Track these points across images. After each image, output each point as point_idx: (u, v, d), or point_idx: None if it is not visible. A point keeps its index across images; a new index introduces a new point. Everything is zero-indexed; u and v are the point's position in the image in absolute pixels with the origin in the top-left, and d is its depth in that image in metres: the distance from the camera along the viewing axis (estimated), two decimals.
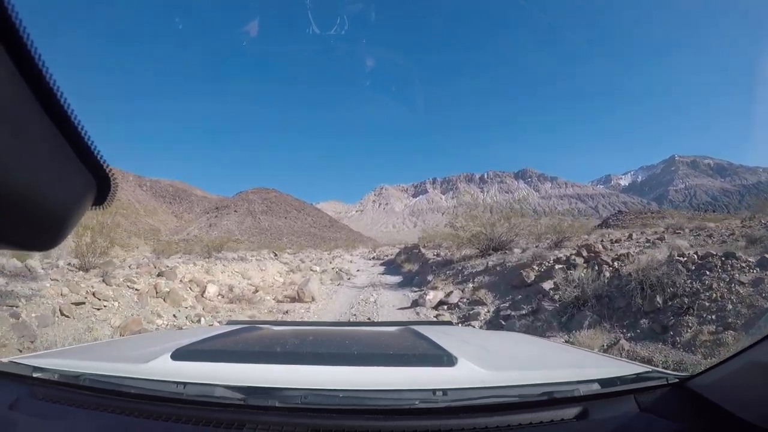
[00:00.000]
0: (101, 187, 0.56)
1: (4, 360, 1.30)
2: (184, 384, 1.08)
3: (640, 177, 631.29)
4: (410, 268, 16.49)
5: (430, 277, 11.75)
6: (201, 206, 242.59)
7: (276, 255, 24.29)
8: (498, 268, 9.72)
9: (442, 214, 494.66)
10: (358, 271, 21.65)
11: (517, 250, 10.89)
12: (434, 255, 16.66)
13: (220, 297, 9.97)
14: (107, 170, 0.55)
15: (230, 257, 17.79)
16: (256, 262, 18.47)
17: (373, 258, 34.56)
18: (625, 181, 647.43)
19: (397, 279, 15.78)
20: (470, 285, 9.47)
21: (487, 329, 6.49)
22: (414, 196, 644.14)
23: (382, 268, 23.24)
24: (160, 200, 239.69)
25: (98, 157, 0.52)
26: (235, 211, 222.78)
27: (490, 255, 11.78)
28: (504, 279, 8.94)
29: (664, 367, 2.76)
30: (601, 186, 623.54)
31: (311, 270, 20.90)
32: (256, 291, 11.88)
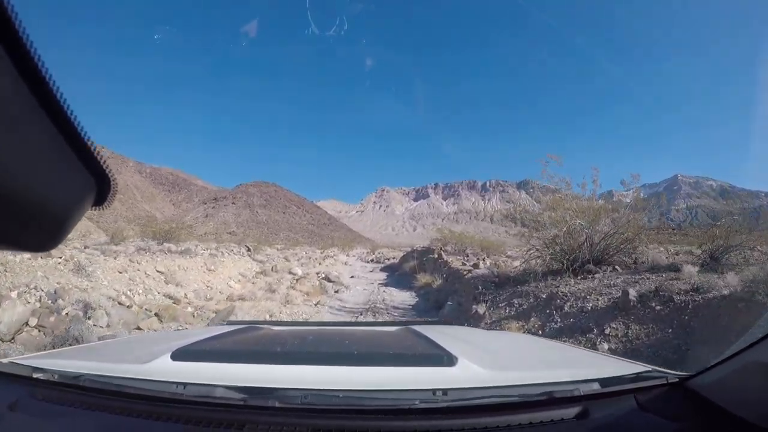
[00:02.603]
0: (101, 188, 0.55)
1: (4, 360, 1.28)
2: (184, 384, 1.06)
3: (642, 194, 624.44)
4: (428, 281, 11.05)
5: (480, 309, 6.28)
6: (200, 196, 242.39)
7: (249, 250, 18.81)
8: (661, 309, 4.32)
9: (442, 220, 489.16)
10: (352, 278, 16.21)
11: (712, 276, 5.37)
12: (465, 264, 11.21)
13: (33, 330, 4.50)
14: (107, 170, 0.54)
15: (164, 249, 12.33)
16: (210, 257, 12.98)
17: (372, 261, 29.03)
18: (627, 198, 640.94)
19: (410, 298, 10.35)
20: (605, 345, 4.06)
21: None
22: (415, 200, 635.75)
23: (383, 275, 17.78)
24: (159, 188, 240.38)
25: (98, 157, 0.51)
26: (233, 203, 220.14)
27: (593, 274, 6.37)
28: (707, 341, 3.57)
29: None
30: (602, 201, 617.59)
31: (290, 273, 15.55)
32: (155, 315, 6.45)
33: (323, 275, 13.59)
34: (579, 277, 6.41)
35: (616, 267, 6.77)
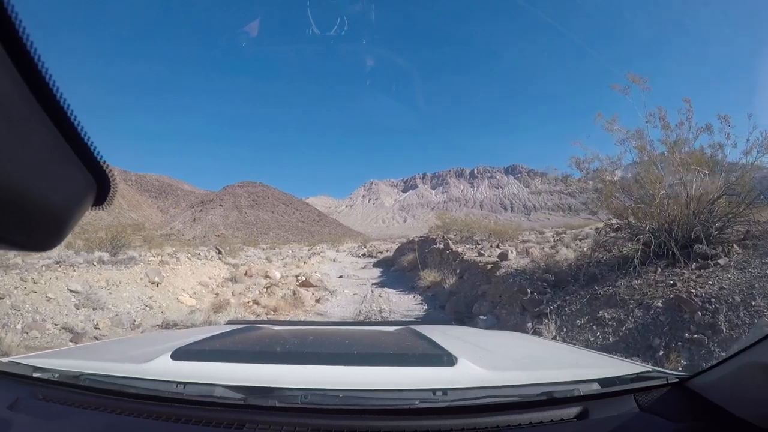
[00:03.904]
0: (101, 188, 0.55)
1: (4, 360, 1.27)
2: (184, 384, 1.05)
3: (630, 173, 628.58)
4: (436, 279, 8.62)
5: (545, 330, 3.84)
6: (187, 201, 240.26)
7: (220, 252, 16.16)
8: None
9: (432, 209, 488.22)
10: (340, 278, 13.68)
11: None
12: (483, 255, 8.77)
13: None
14: (107, 170, 0.54)
15: (95, 259, 9.65)
16: (160, 265, 10.36)
17: (364, 255, 26.51)
18: (615, 177, 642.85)
19: (415, 304, 7.89)
20: None
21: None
22: (404, 191, 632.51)
23: (377, 272, 15.31)
24: (146, 195, 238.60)
25: (98, 157, 0.52)
26: (221, 205, 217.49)
27: (712, 259, 3.98)
28: None
29: None
30: (591, 182, 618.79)
31: (266, 277, 13.04)
32: None
33: (303, 278, 11.03)
34: (693, 265, 3.99)
35: (734, 246, 4.37)
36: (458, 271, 7.87)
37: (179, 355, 1.17)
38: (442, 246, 11.03)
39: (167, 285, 9.33)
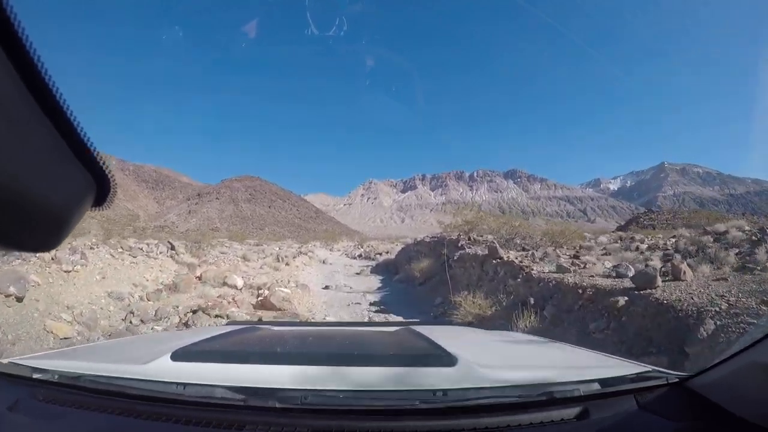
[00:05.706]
0: (101, 188, 0.55)
1: (4, 361, 1.25)
2: (184, 385, 1.04)
3: (629, 182, 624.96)
4: (485, 310, 5.10)
5: None
6: (184, 193, 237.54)
7: (173, 247, 12.56)
8: None
9: (431, 210, 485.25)
10: (325, 289, 10.15)
11: None
12: (566, 271, 5.26)
13: None
14: (107, 171, 0.54)
15: None
16: (41, 267, 6.77)
17: (360, 256, 22.90)
18: (614, 186, 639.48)
19: None
20: None
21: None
22: (403, 191, 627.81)
23: (377, 282, 11.77)
24: (142, 185, 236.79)
25: (98, 157, 0.51)
26: (217, 198, 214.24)
27: None
28: None
29: None
30: (590, 189, 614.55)
31: (224, 284, 9.55)
32: None
33: (267, 292, 7.48)
34: None
35: None
36: (531, 302, 4.37)
37: (179, 356, 1.16)
38: (483, 252, 7.39)
39: (40, 299, 5.76)
